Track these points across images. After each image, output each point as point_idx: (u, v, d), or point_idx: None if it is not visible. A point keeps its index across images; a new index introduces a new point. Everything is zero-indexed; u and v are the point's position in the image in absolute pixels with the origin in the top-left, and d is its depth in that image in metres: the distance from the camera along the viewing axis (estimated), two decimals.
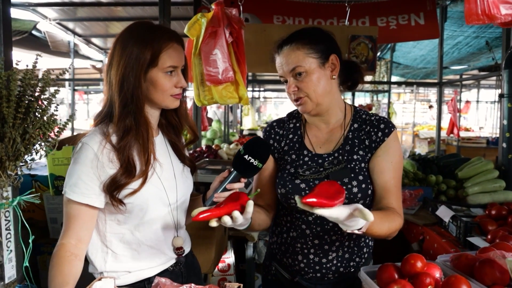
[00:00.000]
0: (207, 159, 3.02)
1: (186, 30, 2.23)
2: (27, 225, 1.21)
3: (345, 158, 1.33)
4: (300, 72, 1.29)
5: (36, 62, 1.10)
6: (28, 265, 1.23)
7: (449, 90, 14.56)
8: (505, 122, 2.73)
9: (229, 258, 2.38)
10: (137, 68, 1.14)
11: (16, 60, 1.13)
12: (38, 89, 1.10)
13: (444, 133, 5.47)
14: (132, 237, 1.22)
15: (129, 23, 1.24)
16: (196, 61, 2.26)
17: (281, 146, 1.44)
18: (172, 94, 1.20)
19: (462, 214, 2.23)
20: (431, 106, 14.13)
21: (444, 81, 4.42)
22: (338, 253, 1.36)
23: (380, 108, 10.24)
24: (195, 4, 3.58)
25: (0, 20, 1.16)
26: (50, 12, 5.16)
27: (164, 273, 1.28)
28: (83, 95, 13.45)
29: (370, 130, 1.36)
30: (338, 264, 1.36)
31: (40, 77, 1.15)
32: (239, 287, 1.05)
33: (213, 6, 2.25)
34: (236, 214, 1.04)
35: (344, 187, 1.29)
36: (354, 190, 1.29)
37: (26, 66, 1.12)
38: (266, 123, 4.49)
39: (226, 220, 1.04)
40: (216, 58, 2.20)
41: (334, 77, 1.34)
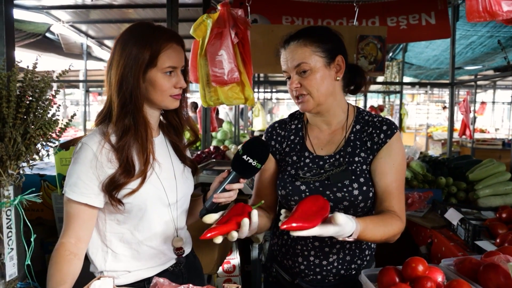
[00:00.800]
0: (214, 160, 3.02)
1: (192, 31, 2.23)
2: (29, 224, 1.22)
3: (346, 160, 1.31)
4: (305, 69, 1.27)
5: (36, 63, 1.11)
6: (30, 263, 1.25)
7: (464, 91, 14.32)
8: None
9: (234, 259, 2.37)
10: (135, 68, 1.14)
11: (17, 59, 1.14)
12: (37, 90, 1.11)
13: (456, 134, 5.38)
14: (131, 237, 1.23)
15: None
16: (202, 62, 2.26)
17: (282, 148, 1.43)
18: (171, 95, 1.20)
19: (472, 217, 2.18)
20: (445, 107, 13.90)
21: (456, 81, 4.34)
22: (339, 255, 1.34)
23: (393, 109, 10.09)
24: (204, 5, 3.58)
25: (2, 21, 1.17)
26: (64, 14, 5.24)
27: (164, 273, 1.28)
28: (97, 97, 13.62)
29: (372, 132, 1.34)
30: (339, 266, 1.34)
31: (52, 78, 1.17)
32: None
33: (219, 7, 2.24)
34: (244, 229, 1.05)
35: (345, 189, 1.28)
36: (355, 192, 1.27)
37: (28, 66, 1.14)
38: None
39: (234, 235, 1.04)
40: (221, 59, 2.19)
41: (338, 78, 1.33)
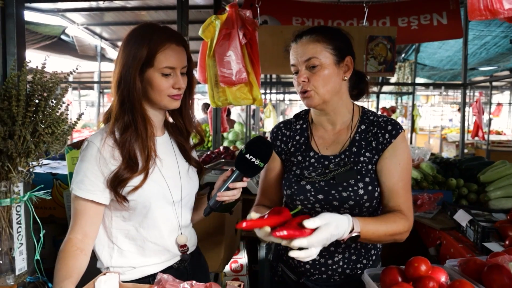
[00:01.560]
0: (224, 160, 3.05)
1: (201, 32, 2.26)
2: (40, 221, 1.26)
3: (351, 160, 1.31)
4: (314, 64, 1.28)
5: (45, 63, 1.14)
6: (39, 258, 1.28)
7: (479, 92, 14.07)
8: None
9: (242, 258, 2.39)
10: (133, 66, 1.16)
11: (27, 60, 1.18)
12: (46, 89, 1.15)
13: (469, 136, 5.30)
14: (136, 233, 1.25)
15: None
16: (210, 62, 2.29)
17: (288, 148, 1.44)
18: (169, 95, 1.21)
19: (482, 219, 2.15)
20: (460, 109, 13.68)
21: (468, 82, 4.28)
22: (345, 254, 1.34)
23: (407, 111, 9.98)
24: (215, 7, 3.61)
25: (14, 23, 1.21)
26: (78, 17, 5.34)
27: (169, 270, 1.30)
28: (111, 98, 13.80)
29: (377, 132, 1.34)
30: (345, 266, 1.34)
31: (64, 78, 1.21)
32: (240, 285, 1.08)
33: (227, 8, 2.27)
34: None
35: (350, 189, 1.28)
36: (360, 192, 1.27)
37: (36, 66, 1.17)
38: None
39: (267, 230, 1.01)
40: (230, 59, 2.21)
41: (346, 78, 1.34)
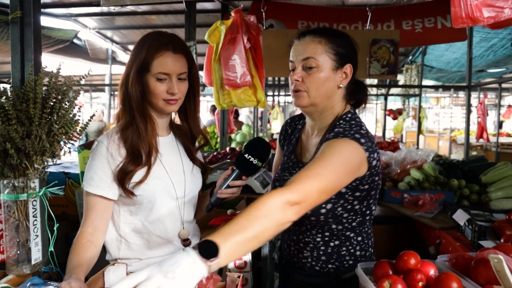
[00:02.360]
0: (229, 161, 3.14)
1: (207, 37, 2.35)
2: (53, 214, 1.36)
3: None
4: (311, 65, 1.25)
5: (59, 68, 1.23)
6: (53, 250, 1.38)
7: (491, 95, 13.95)
8: None
9: (245, 255, 2.44)
10: (133, 70, 1.25)
11: (43, 65, 1.27)
12: (60, 92, 1.24)
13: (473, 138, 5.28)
14: (143, 227, 1.34)
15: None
16: (216, 66, 2.37)
17: (285, 144, 1.52)
18: (164, 99, 1.28)
19: (482, 219, 2.18)
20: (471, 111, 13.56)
21: (473, 84, 4.31)
22: (313, 253, 1.37)
23: (417, 113, 9.94)
24: (222, 11, 3.71)
25: (31, 31, 1.30)
26: (90, 21, 5.47)
27: None
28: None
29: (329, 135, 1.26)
30: (313, 263, 1.37)
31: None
32: (239, 277, 1.15)
33: (232, 14, 2.35)
34: None
35: None
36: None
37: (52, 71, 1.27)
38: None
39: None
40: (234, 63, 2.29)
41: (341, 86, 1.30)
